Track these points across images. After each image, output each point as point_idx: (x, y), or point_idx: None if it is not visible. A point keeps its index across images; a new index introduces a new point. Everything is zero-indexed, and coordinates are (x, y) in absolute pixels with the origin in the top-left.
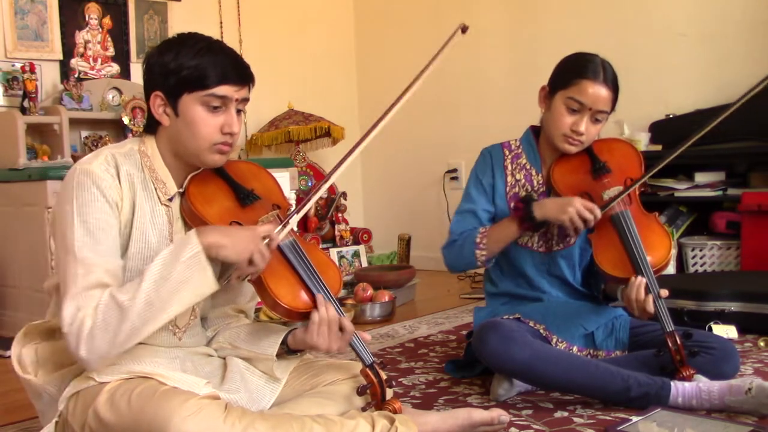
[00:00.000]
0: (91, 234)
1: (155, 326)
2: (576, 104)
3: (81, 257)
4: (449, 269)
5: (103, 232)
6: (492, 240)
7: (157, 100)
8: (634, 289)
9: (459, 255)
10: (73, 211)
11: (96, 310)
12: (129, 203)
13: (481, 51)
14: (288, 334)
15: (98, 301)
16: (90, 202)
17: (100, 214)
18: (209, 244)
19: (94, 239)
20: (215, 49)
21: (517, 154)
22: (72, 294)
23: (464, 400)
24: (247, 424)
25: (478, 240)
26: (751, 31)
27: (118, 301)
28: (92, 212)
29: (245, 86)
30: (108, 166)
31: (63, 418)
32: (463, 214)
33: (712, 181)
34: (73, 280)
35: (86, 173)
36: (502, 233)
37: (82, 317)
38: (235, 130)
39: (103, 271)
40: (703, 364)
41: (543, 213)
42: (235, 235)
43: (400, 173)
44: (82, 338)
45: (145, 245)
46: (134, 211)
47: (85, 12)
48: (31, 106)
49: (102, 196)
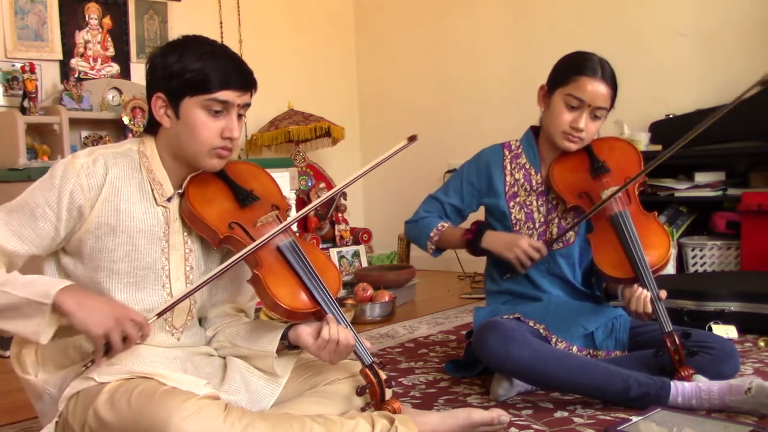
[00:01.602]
0: (20, 212)
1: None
2: (575, 101)
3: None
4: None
5: (32, 217)
6: (442, 240)
7: (158, 102)
8: (634, 299)
9: (415, 236)
10: (31, 187)
11: None
12: (108, 207)
13: (480, 51)
14: (289, 329)
15: None
16: (45, 189)
17: (42, 201)
18: (61, 305)
19: (19, 218)
20: (219, 53)
21: (517, 154)
22: None
23: (464, 400)
24: (247, 424)
25: (432, 234)
26: (751, 31)
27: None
28: (38, 197)
29: (247, 92)
30: (93, 167)
31: (63, 418)
32: (433, 199)
33: (712, 181)
34: None
35: (66, 164)
36: (451, 241)
37: None
38: (235, 135)
39: None
40: (702, 364)
41: (489, 245)
42: (93, 309)
43: (400, 173)
44: None
45: (132, 248)
46: (119, 216)
47: (85, 12)
48: (31, 106)
49: (58, 191)
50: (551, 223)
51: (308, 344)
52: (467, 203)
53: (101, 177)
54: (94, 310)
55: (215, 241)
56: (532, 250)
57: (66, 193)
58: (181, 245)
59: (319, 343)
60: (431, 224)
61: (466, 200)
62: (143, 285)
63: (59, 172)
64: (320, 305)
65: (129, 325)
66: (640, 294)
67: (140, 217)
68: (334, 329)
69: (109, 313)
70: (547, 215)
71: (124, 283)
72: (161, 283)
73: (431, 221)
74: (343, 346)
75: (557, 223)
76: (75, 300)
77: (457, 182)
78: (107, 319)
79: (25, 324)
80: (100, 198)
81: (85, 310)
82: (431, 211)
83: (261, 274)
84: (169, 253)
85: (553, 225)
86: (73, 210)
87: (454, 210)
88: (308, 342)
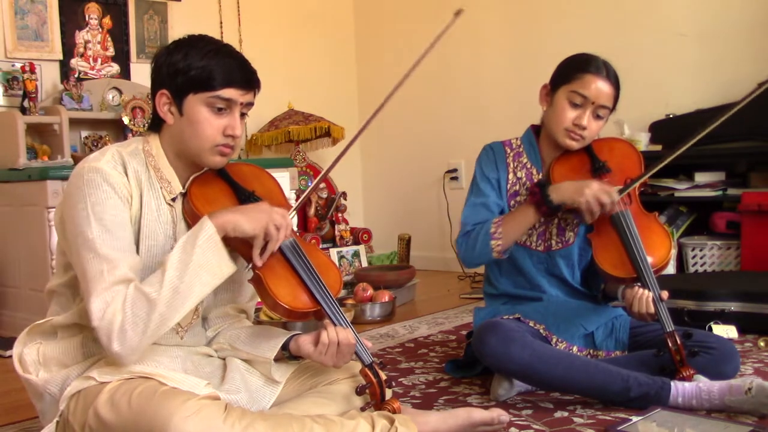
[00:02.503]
0: (109, 231)
1: (183, 312)
2: (579, 98)
3: (104, 254)
4: (464, 262)
5: (120, 228)
6: (507, 228)
7: (162, 99)
8: (636, 299)
9: (474, 246)
10: (87, 209)
11: (124, 304)
12: (137, 200)
13: (481, 51)
14: (290, 339)
15: (125, 295)
16: (104, 200)
17: (114, 210)
18: (223, 223)
19: (112, 236)
20: (224, 52)
21: (519, 153)
22: (99, 290)
23: (464, 400)
24: (247, 425)
25: (493, 230)
26: (751, 31)
27: (144, 293)
28: (107, 209)
29: (251, 91)
30: (116, 163)
31: (64, 417)
32: (475, 206)
33: (712, 181)
34: (98, 276)
35: (96, 171)
36: (519, 220)
37: (111, 313)
38: (237, 133)
39: (128, 266)
40: (703, 364)
41: (560, 196)
42: (248, 210)
43: (400, 173)
44: (113, 334)
45: (154, 242)
46: (142, 208)
47: (85, 12)
48: (31, 106)
49: (114, 193)
50: (551, 223)
51: (309, 352)
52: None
53: (125, 172)
54: (247, 213)
55: None
56: (602, 193)
57: (119, 192)
58: None
59: (320, 348)
60: (486, 225)
61: (499, 194)
62: None
63: (99, 179)
64: (321, 305)
65: (278, 216)
66: (641, 295)
67: (155, 213)
68: (332, 332)
69: (262, 209)
70: None
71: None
72: None
73: (483, 224)
74: (344, 346)
75: (557, 223)
76: (229, 213)
77: (483, 181)
78: (263, 214)
79: (210, 270)
80: (132, 191)
81: (244, 214)
82: (481, 218)
83: (262, 273)
84: None
85: (553, 225)
86: (128, 204)
87: (498, 207)
88: (309, 350)
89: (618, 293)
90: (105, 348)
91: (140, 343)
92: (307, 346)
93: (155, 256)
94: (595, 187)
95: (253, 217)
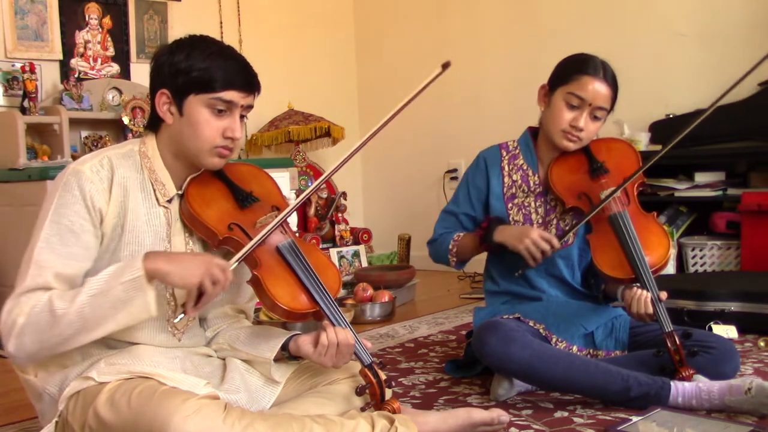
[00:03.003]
0: (60, 235)
1: (88, 339)
2: (576, 99)
3: (37, 258)
4: (433, 261)
5: (73, 235)
6: (460, 250)
7: (162, 98)
8: (635, 300)
9: (437, 254)
10: (50, 209)
11: (32, 309)
12: (118, 208)
13: (480, 51)
14: (290, 340)
15: (37, 301)
16: (69, 203)
17: (75, 216)
18: (153, 270)
19: (61, 240)
20: (226, 54)
21: (515, 155)
22: (17, 292)
23: (464, 400)
24: (247, 424)
25: (450, 247)
26: (750, 31)
27: (53, 306)
28: (68, 214)
29: (252, 94)
30: (101, 168)
31: (63, 418)
32: (447, 214)
33: (712, 181)
34: (23, 278)
35: (75, 174)
36: (468, 245)
37: (16, 314)
38: (237, 135)
39: (53, 274)
40: (703, 364)
41: (502, 237)
42: (183, 262)
43: (400, 173)
44: (12, 334)
45: (138, 248)
46: (126, 215)
47: (85, 12)
48: (31, 106)
49: (82, 200)
50: (549, 224)
51: (309, 353)
52: (478, 210)
53: (109, 179)
54: (184, 262)
55: (214, 242)
56: (542, 241)
57: (89, 200)
58: (183, 246)
59: (319, 349)
60: (448, 239)
61: (476, 207)
62: None
63: (74, 183)
64: (319, 306)
65: (216, 270)
66: (640, 295)
67: (144, 217)
68: (332, 333)
69: (198, 261)
70: (545, 216)
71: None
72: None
73: (447, 237)
74: (344, 346)
75: (555, 224)
76: (163, 260)
77: (464, 190)
78: (199, 267)
79: (130, 309)
80: (112, 199)
81: (177, 265)
82: (448, 227)
83: (260, 275)
84: None
85: (552, 226)
86: (97, 213)
87: (468, 219)
88: (308, 350)
89: (618, 294)
90: (3, 345)
91: (36, 353)
92: (306, 347)
93: None
94: (534, 236)
95: (187, 271)
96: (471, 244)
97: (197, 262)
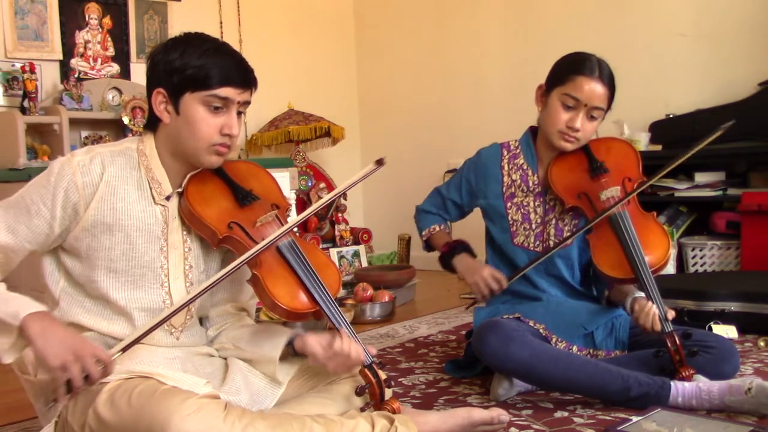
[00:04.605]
0: (17, 208)
1: None
2: (571, 100)
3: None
4: None
5: (27, 214)
6: (431, 242)
7: (158, 97)
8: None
9: (417, 225)
10: (28, 183)
11: None
12: (105, 206)
13: (480, 51)
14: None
15: None
16: (40, 185)
17: (37, 198)
18: (26, 329)
19: (15, 213)
20: (221, 51)
21: (515, 155)
22: None
23: (464, 400)
24: (247, 424)
25: (424, 233)
26: (751, 31)
27: None
28: (32, 194)
29: (248, 90)
30: (91, 164)
31: (63, 418)
32: (437, 192)
33: (712, 181)
34: None
35: (63, 162)
36: (436, 244)
37: None
38: (234, 132)
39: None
40: (702, 364)
41: (458, 266)
42: (56, 339)
43: (400, 173)
44: None
45: (130, 247)
46: (116, 215)
47: (85, 12)
48: (31, 106)
49: (53, 189)
50: (548, 224)
51: (317, 353)
52: (465, 201)
53: (97, 175)
54: (55, 340)
55: (214, 241)
56: (491, 279)
57: (60, 191)
58: (180, 244)
59: (329, 353)
60: (428, 222)
61: (464, 198)
62: (141, 283)
63: (56, 170)
64: (319, 305)
65: (89, 362)
66: (648, 310)
67: (138, 215)
68: (347, 343)
69: (71, 345)
70: (544, 216)
71: (122, 281)
72: (160, 282)
73: (430, 219)
74: (353, 360)
75: (554, 224)
76: (40, 326)
77: (458, 179)
78: (66, 352)
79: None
80: (96, 196)
81: (45, 339)
82: (434, 205)
83: (260, 274)
84: (168, 251)
85: (551, 226)
86: (67, 208)
87: (453, 206)
88: (317, 351)
89: (627, 306)
90: None
91: None
92: (315, 347)
93: (132, 259)
94: (485, 274)
95: (51, 350)
96: (437, 245)
97: (70, 346)
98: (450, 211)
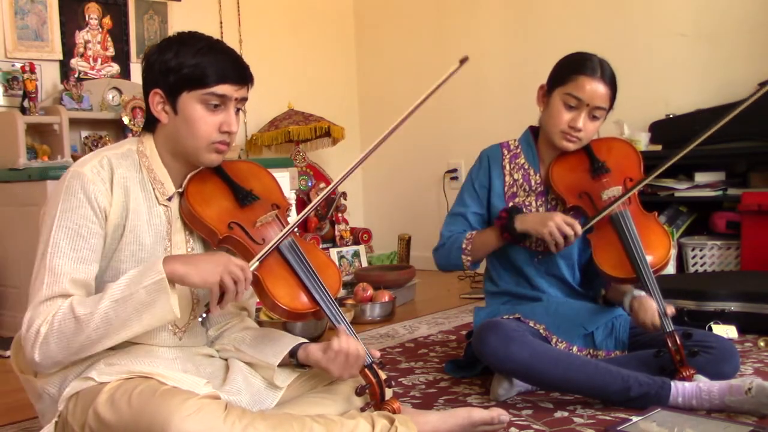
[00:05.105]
0: (69, 239)
1: (113, 342)
2: (573, 100)
3: (51, 265)
4: (439, 269)
5: (82, 238)
6: (476, 247)
7: (156, 98)
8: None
9: (447, 258)
10: (56, 214)
11: (54, 317)
12: (120, 208)
13: (480, 51)
14: (298, 347)
15: (57, 309)
16: (74, 207)
17: (82, 220)
18: (171, 271)
19: (71, 245)
20: (216, 48)
21: (516, 154)
22: (35, 302)
23: (464, 400)
24: (247, 424)
25: (464, 246)
26: (751, 31)
27: (75, 313)
28: (74, 218)
29: (244, 86)
30: (101, 169)
31: (63, 418)
32: (454, 216)
33: (712, 181)
34: (39, 287)
35: (77, 176)
36: (485, 241)
37: (39, 324)
38: (233, 129)
39: (69, 281)
40: (703, 364)
41: (523, 226)
42: (200, 263)
43: (400, 173)
44: (37, 344)
45: (139, 247)
46: (127, 215)
47: (85, 12)
48: (31, 106)
49: (87, 202)
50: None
51: (318, 358)
52: (486, 205)
53: (110, 179)
54: (203, 263)
55: (214, 241)
56: (565, 225)
57: (94, 201)
58: (183, 244)
59: (329, 354)
60: (459, 239)
61: (484, 204)
62: None
63: (77, 186)
64: (320, 305)
65: (235, 269)
66: (648, 306)
67: (145, 216)
68: (344, 340)
69: (216, 261)
70: None
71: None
72: None
73: (458, 237)
74: (353, 357)
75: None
76: (181, 262)
77: (470, 189)
78: (218, 267)
79: (153, 311)
80: (114, 199)
81: (195, 267)
82: (455, 230)
83: (260, 274)
84: (172, 252)
85: None
86: (102, 214)
87: (477, 218)
88: (318, 356)
89: (625, 305)
90: (27, 355)
91: (63, 359)
92: (316, 353)
93: (141, 260)
94: (558, 220)
95: (205, 271)
96: (488, 238)
97: (215, 262)
98: (474, 225)
